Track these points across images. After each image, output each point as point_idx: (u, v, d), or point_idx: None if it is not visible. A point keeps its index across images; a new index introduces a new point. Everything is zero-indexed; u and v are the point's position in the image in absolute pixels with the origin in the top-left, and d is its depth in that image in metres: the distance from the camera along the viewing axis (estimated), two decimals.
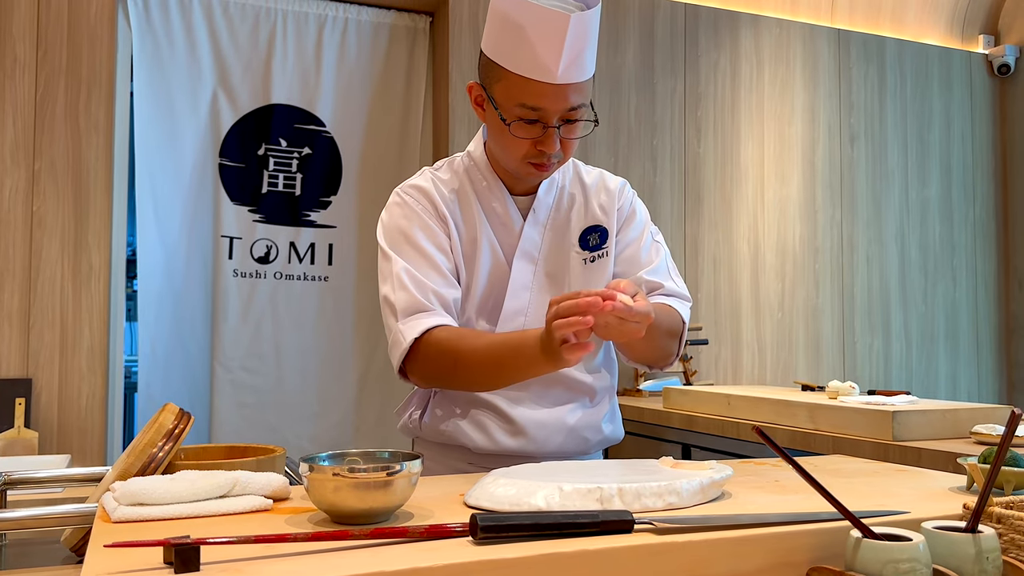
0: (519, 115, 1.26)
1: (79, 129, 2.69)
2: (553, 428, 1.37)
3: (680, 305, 1.40)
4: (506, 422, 1.36)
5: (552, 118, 1.26)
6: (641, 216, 1.47)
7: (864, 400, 2.10)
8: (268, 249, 3.00)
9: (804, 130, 3.71)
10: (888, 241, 3.84)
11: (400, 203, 1.37)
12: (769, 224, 3.62)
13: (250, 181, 2.98)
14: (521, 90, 1.24)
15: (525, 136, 1.27)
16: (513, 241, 1.38)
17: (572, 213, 1.42)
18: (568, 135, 1.29)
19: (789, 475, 1.15)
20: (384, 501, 0.86)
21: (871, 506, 0.94)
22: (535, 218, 1.39)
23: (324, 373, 3.03)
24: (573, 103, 1.26)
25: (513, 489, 0.94)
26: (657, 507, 0.93)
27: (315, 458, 0.91)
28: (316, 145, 3.07)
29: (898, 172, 3.89)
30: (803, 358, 3.64)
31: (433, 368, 1.27)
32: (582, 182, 1.45)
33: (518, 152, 1.30)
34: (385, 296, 1.31)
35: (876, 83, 3.85)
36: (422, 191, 1.38)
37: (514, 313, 1.36)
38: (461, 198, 1.39)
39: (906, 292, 3.87)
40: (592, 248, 1.41)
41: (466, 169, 1.40)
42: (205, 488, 0.91)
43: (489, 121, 1.34)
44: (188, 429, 1.07)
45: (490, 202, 1.38)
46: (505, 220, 1.38)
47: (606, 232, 1.42)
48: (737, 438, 2.33)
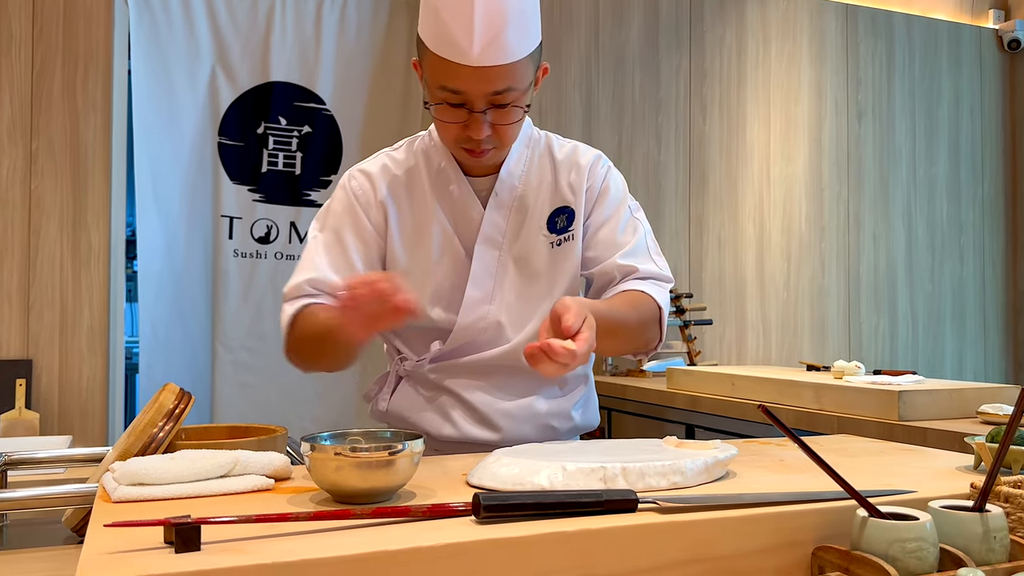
0: (442, 98, 1.19)
1: (76, 108, 2.68)
2: (520, 417, 1.33)
3: (655, 288, 1.32)
4: (471, 410, 1.32)
5: (477, 102, 1.18)
6: (616, 192, 1.37)
7: (870, 380, 2.10)
8: (268, 229, 2.99)
9: (811, 107, 3.68)
10: (895, 220, 3.83)
11: (342, 185, 1.35)
12: (775, 203, 3.61)
13: (249, 160, 2.97)
14: (441, 71, 1.17)
15: (449, 120, 1.20)
16: (472, 226, 1.31)
17: (540, 192, 1.33)
18: (499, 121, 1.20)
19: (794, 454, 1.15)
20: (386, 480, 0.86)
21: (877, 485, 0.94)
22: (497, 201, 1.31)
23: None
24: (498, 87, 1.17)
25: (516, 468, 0.94)
26: (661, 486, 0.93)
27: (317, 437, 0.91)
28: (316, 123, 3.05)
29: (906, 149, 3.86)
30: (808, 338, 3.64)
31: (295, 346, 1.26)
32: (553, 158, 1.36)
33: (448, 136, 1.23)
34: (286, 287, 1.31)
35: (884, 58, 3.82)
36: (367, 175, 1.34)
37: (476, 302, 1.31)
38: (412, 181, 1.32)
39: (913, 271, 3.85)
40: (559, 231, 1.34)
41: (424, 150, 1.34)
42: (206, 468, 0.91)
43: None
44: (188, 409, 1.07)
45: (446, 185, 1.31)
46: (462, 204, 1.31)
47: (573, 213, 1.34)
48: (741, 418, 2.33)
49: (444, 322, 1.31)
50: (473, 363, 1.33)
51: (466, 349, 1.33)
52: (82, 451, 1.23)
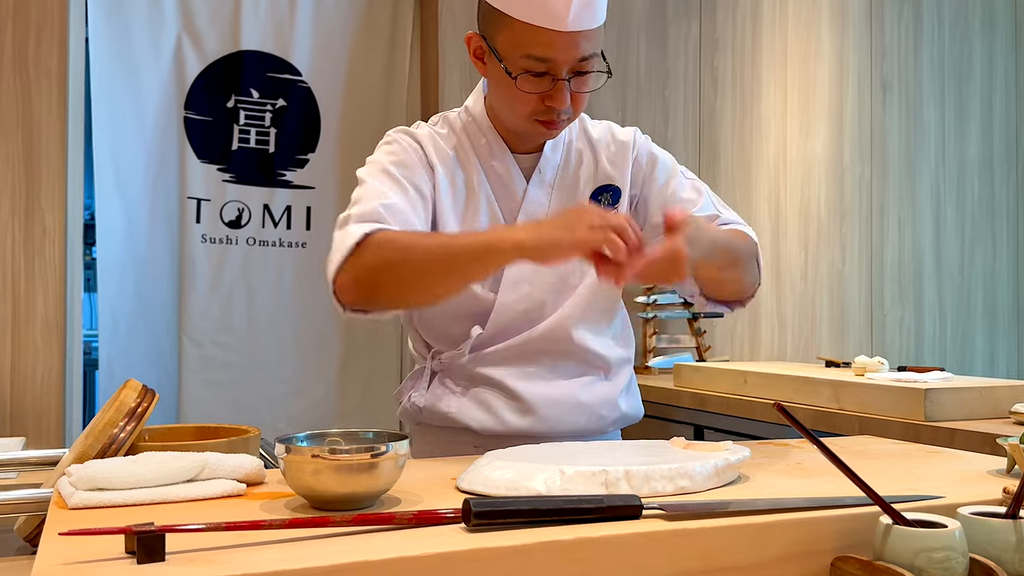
0: (525, 67, 1.25)
1: (29, 78, 2.66)
2: (566, 405, 1.37)
3: (746, 229, 1.41)
4: (513, 399, 1.36)
5: (562, 70, 1.26)
6: (665, 159, 1.47)
7: (894, 377, 2.11)
8: (240, 212, 2.98)
9: (831, 79, 3.68)
10: (922, 203, 3.83)
11: (388, 141, 1.39)
12: (792, 184, 3.61)
13: (219, 136, 2.95)
14: (528, 39, 1.24)
15: (532, 91, 1.27)
16: (515, 204, 1.38)
17: (581, 172, 1.42)
18: (579, 88, 1.29)
19: (812, 456, 1.15)
20: (368, 485, 0.87)
21: (902, 490, 0.94)
22: (540, 178, 1.40)
23: (303, 348, 3.03)
24: (584, 52, 1.26)
25: (510, 472, 0.94)
26: (667, 491, 0.93)
27: (292, 439, 0.91)
28: (292, 96, 3.03)
29: (934, 126, 3.87)
30: (827, 332, 3.65)
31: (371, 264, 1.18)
32: (589, 137, 1.45)
33: (524, 108, 1.30)
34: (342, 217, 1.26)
35: (911, 26, 3.82)
36: (415, 136, 1.39)
37: (517, 280, 1.36)
38: (460, 155, 1.39)
39: (941, 260, 3.87)
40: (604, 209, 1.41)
41: (464, 126, 1.41)
42: (171, 471, 0.91)
43: (491, 75, 1.33)
44: (152, 407, 1.07)
45: (490, 162, 1.39)
46: (507, 181, 1.39)
47: (619, 191, 1.43)
48: (754, 418, 2.34)
49: (485, 301, 1.36)
50: (513, 347, 1.37)
51: (506, 333, 1.38)
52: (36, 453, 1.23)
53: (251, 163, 3.00)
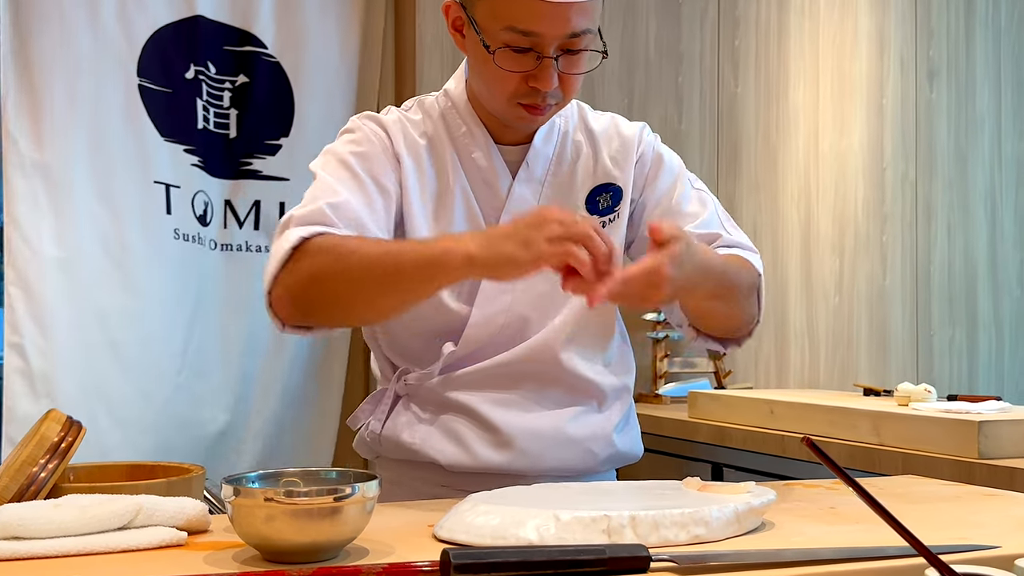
0: (507, 41, 1.26)
1: None
2: (549, 439, 1.37)
3: (751, 255, 1.43)
4: (488, 430, 1.35)
5: (549, 47, 1.26)
6: (671, 161, 1.49)
7: (943, 407, 2.11)
8: (206, 207, 2.93)
9: (870, 64, 3.70)
10: (975, 207, 3.86)
11: (350, 129, 1.40)
12: (824, 184, 3.63)
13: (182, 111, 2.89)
14: (510, 9, 1.24)
15: (514, 69, 1.27)
16: (498, 203, 1.39)
17: (578, 168, 1.43)
18: (569, 69, 1.29)
19: (848, 500, 1.16)
20: (331, 533, 0.86)
21: (952, 539, 0.95)
22: (528, 173, 1.40)
23: (265, 374, 2.98)
24: (576, 28, 1.26)
25: (497, 518, 0.94)
26: (680, 540, 0.93)
27: (242, 479, 0.91)
28: (256, 72, 2.99)
29: (989, 118, 3.89)
30: (866, 354, 3.66)
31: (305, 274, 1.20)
32: (589, 129, 1.46)
33: (505, 89, 1.30)
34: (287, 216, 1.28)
35: (962, 3, 3.85)
36: (380, 122, 1.40)
37: (497, 291, 1.36)
38: (434, 145, 1.39)
39: (997, 271, 3.88)
40: (603, 211, 1.43)
41: (442, 112, 1.41)
42: (99, 517, 0.91)
43: (470, 50, 1.34)
44: (79, 442, 1.06)
45: (470, 154, 1.39)
46: (488, 176, 1.39)
47: (620, 192, 1.43)
48: (782, 455, 2.34)
49: (459, 315, 1.36)
50: (490, 369, 1.37)
51: (482, 352, 1.37)
52: None
53: (212, 149, 2.95)
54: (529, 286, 1.36)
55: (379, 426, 1.41)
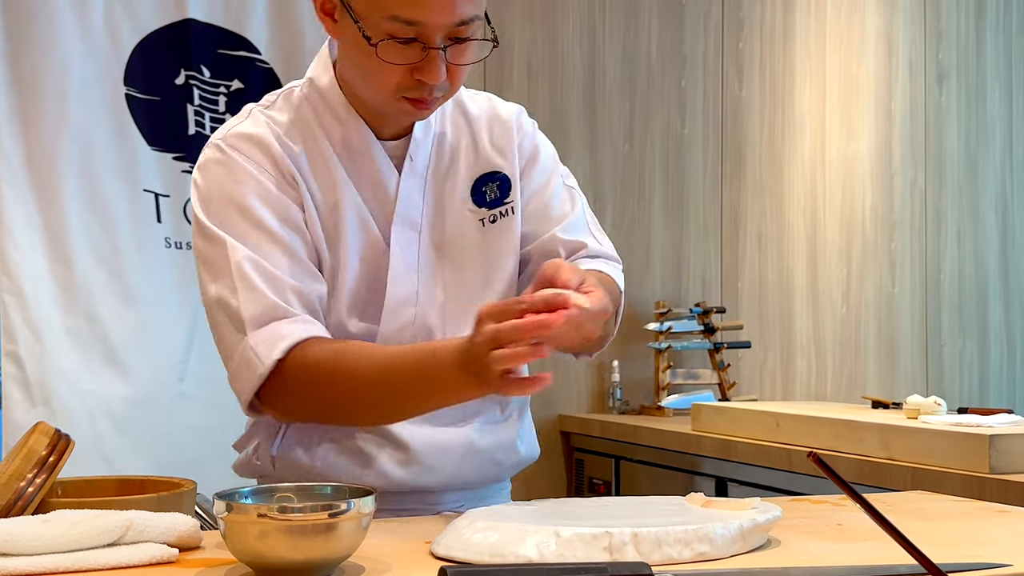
0: (389, 32, 1.19)
1: None
2: (457, 452, 1.33)
3: (613, 269, 1.39)
4: (395, 447, 1.31)
5: (435, 36, 1.20)
6: (547, 153, 1.43)
7: (953, 421, 2.11)
8: None
9: (878, 67, 3.71)
10: (986, 213, 3.86)
11: (222, 160, 1.28)
12: (831, 190, 3.63)
13: (169, 119, 2.91)
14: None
15: (399, 61, 1.20)
16: (389, 205, 1.32)
17: (459, 157, 1.37)
18: (457, 60, 1.23)
19: (855, 516, 1.16)
20: (325, 550, 0.86)
21: (961, 557, 0.95)
22: (413, 168, 1.33)
23: None
24: (464, 15, 1.20)
25: (496, 534, 0.94)
26: (683, 558, 0.93)
27: (235, 494, 0.91)
28: (250, 78, 3.02)
29: (1000, 123, 3.90)
30: (874, 365, 3.66)
31: (304, 400, 1.23)
32: (465, 112, 1.39)
33: (388, 83, 1.23)
34: (219, 298, 1.24)
35: (972, 5, 3.86)
36: (256, 141, 1.29)
37: (400, 304, 1.32)
38: (309, 147, 1.30)
39: (1009, 279, 3.89)
40: (491, 204, 1.37)
41: (311, 106, 1.32)
42: (89, 533, 0.91)
43: (345, 39, 1.26)
44: (67, 456, 1.06)
45: (351, 153, 1.31)
46: (375, 177, 1.32)
47: (507, 181, 1.37)
48: (788, 470, 2.34)
49: (362, 336, 1.31)
50: None
51: None
52: None
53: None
54: (431, 295, 1.33)
55: (272, 447, 1.34)
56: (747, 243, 3.52)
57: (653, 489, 2.75)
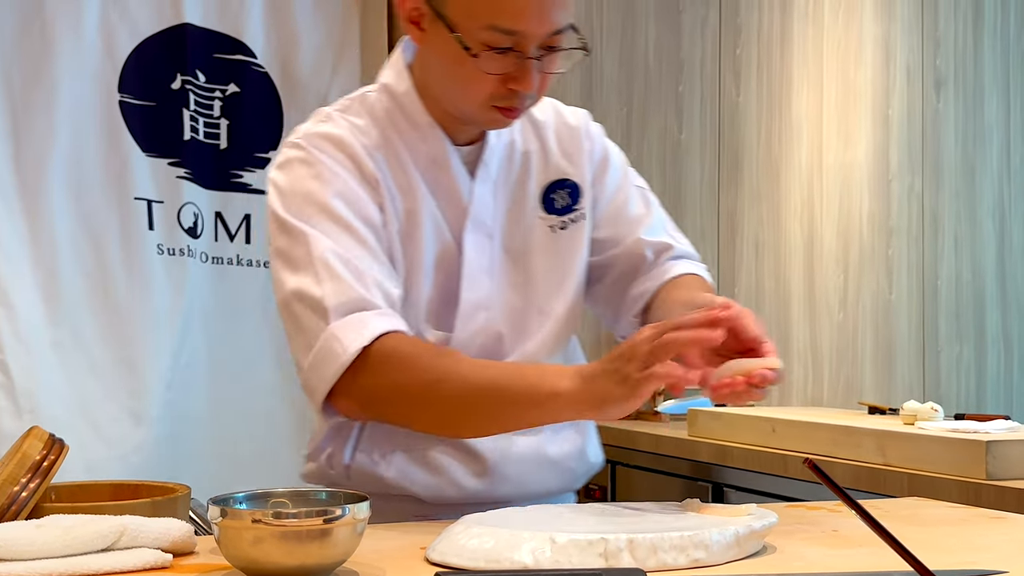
0: (487, 41, 1.21)
1: None
2: (532, 462, 1.34)
3: (702, 270, 1.42)
4: (469, 458, 1.31)
5: (531, 46, 1.22)
6: (617, 158, 1.46)
7: (950, 427, 2.11)
8: (196, 219, 2.93)
9: (875, 73, 3.72)
10: (983, 219, 3.87)
11: (305, 159, 1.29)
12: (828, 196, 3.64)
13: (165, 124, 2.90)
14: (491, 6, 1.20)
15: (496, 71, 1.23)
16: (461, 211, 1.33)
17: (529, 164, 1.38)
18: (549, 68, 1.26)
19: (851, 522, 1.16)
20: (320, 556, 0.86)
21: (957, 563, 0.95)
22: (486, 173, 1.34)
23: (263, 395, 2.97)
24: (558, 24, 1.23)
25: (491, 540, 0.94)
26: (679, 564, 0.93)
27: (229, 499, 0.91)
28: (246, 82, 3.01)
29: (998, 129, 3.91)
30: (871, 371, 3.66)
31: (389, 388, 1.19)
32: (533, 120, 1.40)
33: (481, 91, 1.25)
34: (299, 290, 1.22)
35: (969, 13, 3.87)
36: (337, 142, 1.29)
37: (474, 308, 1.32)
38: (388, 152, 1.31)
39: (1006, 285, 3.89)
40: (561, 211, 1.38)
41: (386, 112, 1.33)
42: (83, 538, 0.91)
43: (435, 48, 1.27)
44: (61, 461, 1.06)
45: (426, 157, 1.32)
46: (449, 182, 1.33)
47: (577, 188, 1.39)
48: (784, 475, 2.34)
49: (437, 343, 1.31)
50: None
51: None
52: None
53: (203, 160, 2.96)
54: (504, 300, 1.34)
55: (346, 457, 1.34)
56: (744, 249, 3.52)
57: (650, 494, 2.75)
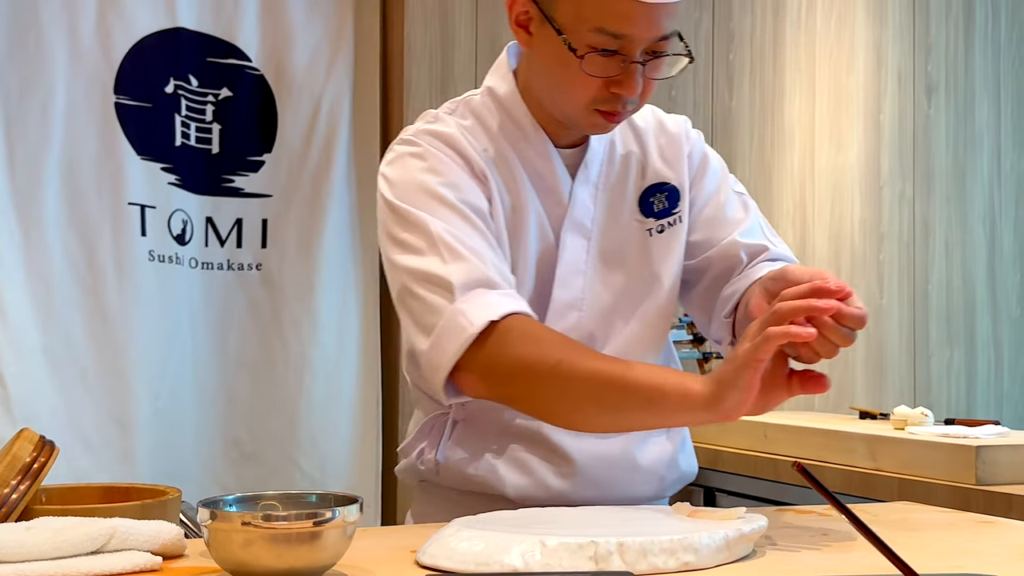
0: (593, 44, 1.22)
1: None
2: (621, 466, 1.34)
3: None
4: (556, 458, 1.32)
5: (636, 50, 1.23)
6: (716, 162, 1.47)
7: (940, 432, 2.12)
8: (184, 225, 2.92)
9: (867, 79, 3.73)
10: (974, 224, 3.88)
11: (417, 153, 1.31)
12: (820, 201, 3.64)
13: (159, 127, 2.90)
14: (601, 9, 1.21)
15: (600, 74, 1.24)
16: (561, 211, 1.35)
17: (628, 167, 1.40)
18: (653, 74, 1.27)
19: (840, 526, 1.16)
20: (310, 559, 0.86)
21: (946, 568, 0.95)
22: (586, 175, 1.36)
23: (256, 400, 2.96)
24: (665, 30, 1.24)
25: (481, 544, 0.94)
26: (668, 567, 0.93)
27: (219, 502, 0.91)
28: (239, 85, 3.00)
29: (988, 135, 3.92)
30: (862, 376, 3.67)
31: (515, 364, 1.17)
32: (633, 125, 1.42)
33: (584, 94, 1.26)
34: (422, 271, 1.22)
35: (961, 18, 3.88)
36: (447, 139, 1.32)
37: (565, 306, 1.33)
38: (495, 151, 1.34)
39: (996, 291, 3.90)
40: (659, 214, 1.39)
41: (491, 114, 1.36)
42: (72, 541, 0.91)
43: (541, 51, 1.29)
44: (52, 463, 1.06)
45: (530, 159, 1.35)
46: (551, 183, 1.35)
47: (676, 192, 1.40)
48: (775, 480, 2.35)
49: None
50: None
51: None
52: None
53: (194, 165, 2.95)
54: (595, 300, 1.34)
55: (437, 454, 1.35)
56: None
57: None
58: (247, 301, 2.97)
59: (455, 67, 3.07)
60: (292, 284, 3.01)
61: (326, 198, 3.03)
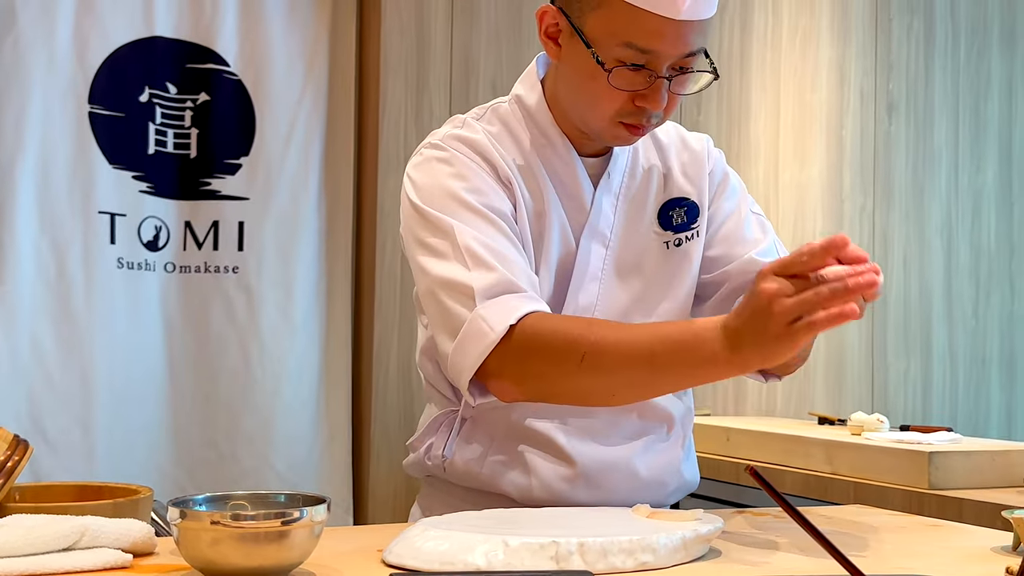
0: (621, 58, 1.23)
1: None
2: (623, 472, 1.34)
3: None
4: (562, 461, 1.32)
5: (663, 65, 1.24)
6: (736, 182, 1.49)
7: (894, 437, 2.14)
8: (157, 231, 2.92)
9: (830, 97, 3.76)
10: (931, 238, 3.92)
11: (444, 157, 1.31)
12: (784, 215, 3.67)
13: (132, 137, 2.89)
14: (630, 25, 1.21)
15: (626, 87, 1.24)
16: (583, 218, 1.35)
17: (650, 180, 1.40)
18: (678, 89, 1.27)
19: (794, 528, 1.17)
20: (278, 558, 0.86)
21: (891, 569, 0.96)
22: (608, 185, 1.37)
23: (232, 401, 2.95)
24: (692, 47, 1.24)
25: (446, 543, 0.95)
26: (627, 567, 0.94)
27: (188, 501, 0.91)
28: (217, 90, 2.99)
29: (946, 152, 3.96)
30: (822, 384, 3.69)
31: (542, 363, 1.17)
32: (656, 140, 1.43)
33: (610, 107, 1.27)
34: (444, 277, 1.23)
35: (921, 37, 3.92)
36: (474, 144, 1.33)
37: (579, 312, 1.33)
38: (520, 158, 1.35)
39: (952, 303, 3.94)
40: (677, 228, 1.40)
41: (518, 121, 1.37)
42: (44, 538, 0.90)
43: (570, 63, 1.29)
44: (25, 461, 1.05)
45: (554, 167, 1.35)
46: (574, 191, 1.35)
47: (695, 208, 1.41)
48: (737, 483, 2.36)
49: None
50: None
51: None
52: None
53: (170, 171, 2.95)
54: (610, 306, 1.34)
55: (445, 450, 1.35)
56: None
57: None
58: (224, 303, 2.96)
59: (430, 77, 3.07)
60: (269, 286, 3.00)
61: (303, 201, 3.03)
